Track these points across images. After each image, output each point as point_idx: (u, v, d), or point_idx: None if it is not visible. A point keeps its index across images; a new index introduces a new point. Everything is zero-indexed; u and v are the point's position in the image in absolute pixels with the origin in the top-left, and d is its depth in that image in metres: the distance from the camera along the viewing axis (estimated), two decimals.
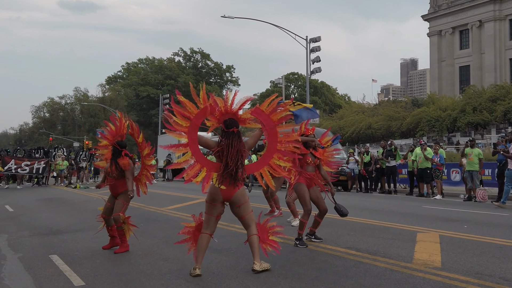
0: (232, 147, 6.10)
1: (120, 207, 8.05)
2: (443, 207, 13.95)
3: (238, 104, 6.31)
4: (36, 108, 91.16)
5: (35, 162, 29.01)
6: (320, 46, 34.17)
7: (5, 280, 6.32)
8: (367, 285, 5.55)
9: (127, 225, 8.08)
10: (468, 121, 42.55)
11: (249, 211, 6.30)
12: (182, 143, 6.33)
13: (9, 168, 28.04)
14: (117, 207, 8.05)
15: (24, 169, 28.40)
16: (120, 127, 8.34)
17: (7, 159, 28.46)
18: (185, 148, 6.27)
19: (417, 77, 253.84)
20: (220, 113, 6.30)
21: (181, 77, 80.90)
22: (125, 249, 8.01)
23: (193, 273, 6.03)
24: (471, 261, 6.68)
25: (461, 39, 69.65)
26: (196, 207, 14.42)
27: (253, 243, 6.15)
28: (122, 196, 8.11)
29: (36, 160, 29.43)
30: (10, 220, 12.96)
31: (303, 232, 8.10)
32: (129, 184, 8.04)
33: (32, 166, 28.69)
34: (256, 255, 6.12)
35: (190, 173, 6.25)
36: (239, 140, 6.16)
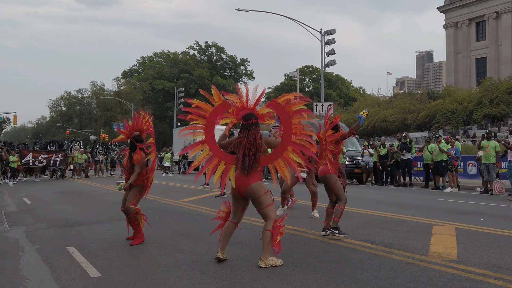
0: (249, 137, 6.19)
1: (132, 199, 8.16)
2: (459, 200, 13.85)
3: (254, 99, 6.39)
4: (53, 102, 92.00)
5: (53, 155, 29.04)
6: (334, 39, 33.98)
7: (23, 271, 6.40)
8: (382, 277, 5.53)
9: (140, 216, 8.16)
10: (484, 114, 42.06)
11: (266, 204, 6.26)
12: (198, 140, 6.37)
13: (26, 161, 28.06)
14: (130, 198, 8.17)
15: (42, 162, 28.48)
16: (138, 122, 8.43)
17: (25, 152, 28.51)
18: (203, 145, 6.38)
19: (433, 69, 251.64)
20: (237, 109, 6.38)
21: (196, 71, 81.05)
22: (140, 240, 8.09)
23: (215, 256, 6.42)
24: (488, 254, 6.63)
25: (477, 31, 68.81)
26: (212, 199, 14.49)
27: (264, 238, 6.18)
28: (135, 188, 8.22)
29: (53, 153, 29.48)
30: (28, 212, 13.12)
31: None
32: (133, 176, 8.13)
33: (50, 158, 28.74)
34: (264, 251, 6.15)
35: (209, 168, 6.36)
36: (256, 130, 6.23)
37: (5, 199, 17.02)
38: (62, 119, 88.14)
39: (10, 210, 13.72)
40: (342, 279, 5.49)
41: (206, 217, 11.00)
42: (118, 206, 12.66)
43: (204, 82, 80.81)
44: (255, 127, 6.24)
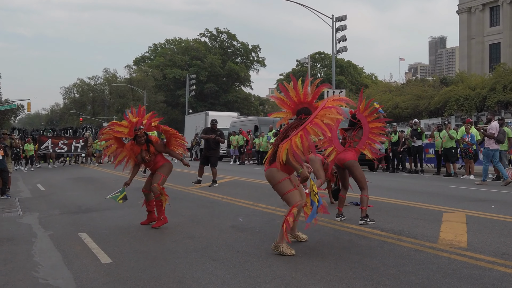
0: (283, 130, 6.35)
1: (157, 179, 8.44)
2: (471, 187, 13.79)
3: (312, 92, 6.36)
4: (66, 89, 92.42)
5: (73, 141, 28.38)
6: (346, 25, 33.79)
7: (35, 257, 6.50)
8: (391, 265, 5.55)
9: (164, 196, 8.33)
10: (498, 100, 41.67)
11: (282, 192, 6.24)
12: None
13: (46, 147, 27.59)
14: (155, 179, 8.46)
15: (62, 148, 27.96)
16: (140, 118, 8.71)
17: (43, 139, 27.98)
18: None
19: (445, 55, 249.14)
20: (293, 103, 6.43)
21: (207, 58, 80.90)
22: (163, 222, 8.31)
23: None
24: (498, 242, 6.61)
25: (491, 16, 67.96)
26: (223, 186, 14.56)
27: (281, 223, 6.19)
28: (161, 169, 8.57)
29: (73, 139, 28.81)
30: (42, 198, 13.27)
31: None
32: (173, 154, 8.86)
33: (70, 144, 28.11)
34: (278, 235, 6.18)
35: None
36: (295, 125, 6.22)
37: (19, 186, 17.22)
38: (75, 106, 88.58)
39: (24, 197, 13.89)
40: (351, 266, 5.52)
41: (217, 203, 11.07)
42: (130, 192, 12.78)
43: (215, 69, 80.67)
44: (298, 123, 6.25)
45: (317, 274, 5.23)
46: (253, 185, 15.04)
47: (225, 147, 34.75)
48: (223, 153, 35.74)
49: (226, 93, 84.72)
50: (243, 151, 29.96)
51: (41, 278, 5.45)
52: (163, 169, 8.58)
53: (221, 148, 15.22)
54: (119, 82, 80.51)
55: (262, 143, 26.84)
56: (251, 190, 13.70)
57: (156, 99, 77.23)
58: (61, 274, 5.59)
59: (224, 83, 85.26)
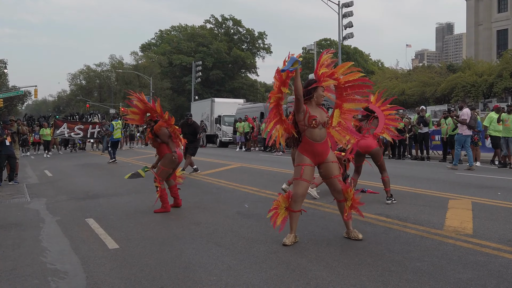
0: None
1: (157, 171, 8.56)
2: (477, 174, 13.76)
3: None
4: (72, 76, 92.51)
5: (89, 126, 27.64)
6: (352, 11, 33.65)
7: (43, 242, 6.55)
8: (396, 251, 5.56)
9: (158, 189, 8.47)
10: (505, 87, 41.43)
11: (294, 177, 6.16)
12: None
13: (61, 132, 27.01)
14: (157, 171, 8.57)
15: (78, 133, 27.29)
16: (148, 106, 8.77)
17: (59, 123, 27.50)
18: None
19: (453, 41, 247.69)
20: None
21: (213, 44, 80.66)
22: (163, 210, 8.45)
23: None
24: (504, 229, 6.62)
25: (499, 2, 67.37)
26: (229, 173, 14.60)
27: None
28: (162, 161, 8.63)
29: (90, 124, 28.16)
30: (49, 184, 13.35)
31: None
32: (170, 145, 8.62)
33: (87, 129, 27.32)
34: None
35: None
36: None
37: (27, 172, 17.32)
38: (82, 92, 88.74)
39: (32, 182, 13.97)
40: (357, 252, 5.54)
41: (222, 190, 11.11)
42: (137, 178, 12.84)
43: (221, 55, 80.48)
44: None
45: (323, 260, 5.26)
46: (259, 172, 15.08)
47: (230, 133, 34.83)
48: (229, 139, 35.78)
49: (232, 79, 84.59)
50: (248, 138, 29.99)
51: (49, 263, 5.51)
52: (162, 161, 8.62)
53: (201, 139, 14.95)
54: (126, 69, 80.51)
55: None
56: (256, 176, 13.74)
57: (162, 85, 77.26)
58: (69, 259, 5.63)
59: (230, 70, 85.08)
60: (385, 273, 4.80)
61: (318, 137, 5.96)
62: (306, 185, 6.00)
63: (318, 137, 5.96)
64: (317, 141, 5.96)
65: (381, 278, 4.67)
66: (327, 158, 6.01)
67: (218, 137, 37.33)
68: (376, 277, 4.69)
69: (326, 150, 6.03)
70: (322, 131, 6.00)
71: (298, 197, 5.97)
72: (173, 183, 8.83)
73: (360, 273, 4.83)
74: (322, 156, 6.00)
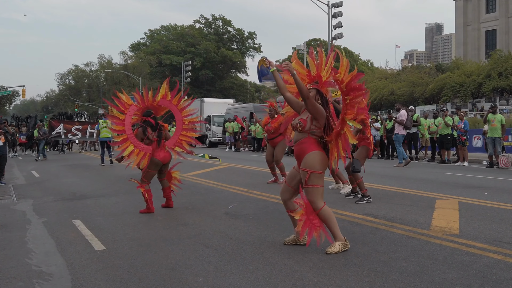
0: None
1: (143, 173, 8.53)
2: (465, 174, 13.85)
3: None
4: (61, 75, 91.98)
5: (88, 126, 25.74)
6: (342, 12, 33.74)
7: (29, 243, 6.50)
8: (382, 251, 5.58)
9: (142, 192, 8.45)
10: (493, 87, 41.67)
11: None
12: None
13: (57, 133, 25.25)
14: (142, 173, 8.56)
15: (76, 134, 25.46)
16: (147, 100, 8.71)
17: (55, 123, 25.76)
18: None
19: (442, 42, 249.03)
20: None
21: (201, 44, 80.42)
22: (148, 211, 8.41)
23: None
24: (490, 228, 6.66)
25: (487, 3, 67.74)
26: (217, 173, 14.59)
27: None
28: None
29: (88, 124, 26.38)
30: (36, 185, 13.26)
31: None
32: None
33: (85, 130, 25.47)
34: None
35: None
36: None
37: (14, 172, 17.21)
38: (70, 92, 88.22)
39: (19, 183, 13.87)
40: (343, 253, 5.54)
41: (211, 190, 11.10)
42: (124, 179, 12.81)
43: (210, 55, 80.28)
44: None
45: (309, 261, 5.26)
46: (248, 172, 15.08)
47: (220, 133, 34.80)
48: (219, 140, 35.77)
49: (222, 79, 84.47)
50: (238, 138, 29.97)
51: (34, 265, 5.46)
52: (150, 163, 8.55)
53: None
54: (115, 69, 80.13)
55: (258, 130, 26.85)
56: (245, 177, 13.74)
57: (151, 85, 76.98)
58: (54, 261, 5.59)
59: (219, 70, 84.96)
60: (371, 274, 4.80)
61: (294, 138, 5.88)
62: (284, 186, 6.01)
63: (294, 138, 5.88)
64: (294, 142, 5.86)
65: (367, 278, 4.67)
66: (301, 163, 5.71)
67: (207, 137, 37.28)
68: (362, 278, 4.70)
69: (299, 154, 5.73)
70: (297, 134, 5.79)
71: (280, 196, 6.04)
72: (167, 184, 8.83)
73: (346, 273, 4.84)
74: (298, 159, 5.80)
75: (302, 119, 5.74)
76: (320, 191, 5.63)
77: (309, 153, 5.65)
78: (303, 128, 5.71)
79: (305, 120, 5.72)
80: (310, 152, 5.65)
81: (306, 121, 5.72)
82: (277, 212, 8.19)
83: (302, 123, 5.72)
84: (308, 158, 5.63)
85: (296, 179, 5.86)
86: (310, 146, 5.68)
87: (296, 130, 5.79)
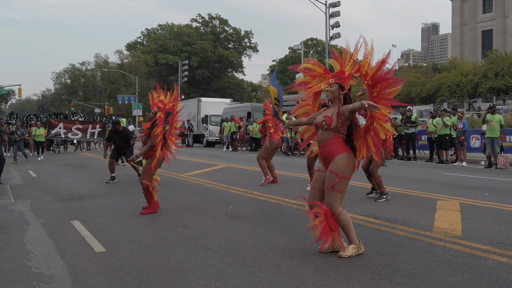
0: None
1: (144, 172, 8.47)
2: (464, 174, 13.82)
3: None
4: (57, 74, 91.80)
5: (89, 126, 24.85)
6: (339, 11, 33.73)
7: (28, 245, 6.43)
8: (386, 253, 5.53)
9: (152, 191, 8.45)
10: (489, 87, 41.83)
11: None
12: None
13: (57, 133, 24.51)
14: (143, 172, 8.51)
15: (76, 134, 24.75)
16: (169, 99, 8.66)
17: (54, 123, 24.88)
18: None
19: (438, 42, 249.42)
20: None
21: (197, 44, 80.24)
22: (152, 211, 8.40)
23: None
24: (493, 230, 6.62)
25: (484, 3, 67.97)
26: (216, 173, 14.53)
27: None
28: (147, 161, 8.54)
29: (89, 124, 25.52)
30: (33, 185, 13.17)
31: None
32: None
33: (86, 130, 24.63)
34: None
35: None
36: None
37: (10, 172, 17.09)
38: (66, 91, 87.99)
39: (16, 183, 13.78)
40: None
41: (210, 191, 11.04)
42: (123, 179, 12.77)
43: (207, 54, 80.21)
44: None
45: (313, 263, 5.21)
46: (246, 172, 15.02)
47: (217, 133, 34.73)
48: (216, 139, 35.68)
49: (219, 79, 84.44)
50: (235, 138, 29.91)
51: (34, 267, 5.40)
52: (148, 161, 8.53)
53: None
54: (111, 68, 79.94)
55: (256, 129, 26.79)
56: (244, 177, 13.68)
57: (148, 85, 76.83)
58: (54, 263, 5.53)
59: (216, 69, 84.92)
60: (375, 276, 4.76)
61: (318, 139, 5.54)
62: (312, 192, 5.66)
63: (318, 139, 5.54)
64: (318, 143, 5.54)
65: (372, 281, 4.62)
66: (329, 165, 5.40)
67: (204, 137, 37.19)
68: (366, 281, 4.65)
69: (327, 156, 5.42)
70: (322, 133, 5.44)
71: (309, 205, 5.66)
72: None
73: (350, 276, 4.79)
74: (325, 161, 5.48)
75: (327, 117, 5.40)
76: (342, 196, 5.42)
77: (340, 155, 5.34)
78: (329, 126, 5.37)
79: (331, 118, 5.39)
80: (340, 154, 5.34)
81: (332, 118, 5.39)
82: (278, 213, 8.14)
83: (328, 120, 5.38)
84: (339, 160, 5.33)
85: (324, 182, 5.53)
86: (340, 147, 5.38)
87: (321, 129, 5.44)
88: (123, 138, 13.69)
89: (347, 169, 5.35)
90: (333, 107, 5.52)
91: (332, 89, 5.50)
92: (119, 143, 13.61)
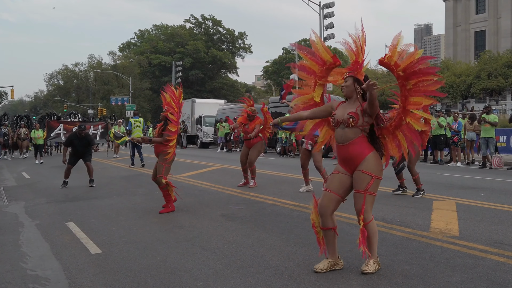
0: None
1: (160, 170, 8.52)
2: (459, 174, 13.84)
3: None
4: (50, 75, 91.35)
5: (91, 127, 23.18)
6: (333, 12, 33.77)
7: (22, 247, 6.37)
8: (383, 254, 5.51)
9: (170, 187, 8.49)
10: (483, 87, 41.99)
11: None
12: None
13: (57, 134, 23.15)
14: (159, 170, 8.56)
15: None
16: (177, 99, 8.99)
17: (54, 124, 23.54)
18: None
19: (431, 42, 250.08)
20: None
21: (189, 45, 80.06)
22: (170, 209, 8.49)
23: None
24: (489, 230, 6.62)
25: (477, 4, 68.25)
26: (211, 174, 14.49)
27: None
28: (160, 158, 8.59)
29: (91, 124, 24.31)
30: (27, 187, 13.09)
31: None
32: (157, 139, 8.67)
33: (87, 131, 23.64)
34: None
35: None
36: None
37: (3, 174, 17.00)
38: (59, 92, 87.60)
39: (9, 185, 13.69)
40: (344, 255, 5.46)
41: (205, 192, 11.00)
42: (117, 181, 12.71)
43: (200, 55, 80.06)
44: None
45: (310, 264, 5.17)
46: (241, 173, 14.96)
47: (212, 134, 34.69)
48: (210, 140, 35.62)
49: (212, 80, 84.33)
50: (229, 139, 29.86)
51: (29, 269, 5.34)
52: (161, 157, 8.59)
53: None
54: (104, 69, 79.66)
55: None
56: (239, 178, 13.61)
57: (141, 86, 76.69)
58: (50, 265, 5.47)
59: (209, 70, 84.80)
60: (374, 277, 4.74)
61: (340, 137, 5.01)
62: (328, 195, 5.06)
63: (340, 137, 5.01)
64: (339, 143, 5.03)
65: (371, 282, 4.61)
66: (359, 165, 4.91)
67: (199, 138, 37.13)
68: (365, 281, 4.63)
69: (355, 156, 4.91)
70: (346, 131, 4.91)
71: (320, 209, 5.13)
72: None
73: (349, 277, 4.77)
74: (350, 162, 4.96)
75: (353, 113, 4.90)
76: (374, 200, 5.06)
77: (369, 155, 4.89)
78: (356, 123, 4.88)
79: (357, 114, 4.90)
80: (370, 153, 4.89)
81: (358, 114, 4.90)
82: (274, 214, 8.12)
83: (354, 117, 4.87)
84: (370, 160, 4.88)
85: (345, 186, 5.05)
86: (369, 146, 4.94)
87: (346, 126, 4.91)
88: (85, 144, 12.99)
89: (379, 169, 4.95)
90: (353, 102, 5.02)
91: (347, 83, 5.05)
92: (80, 149, 12.89)
